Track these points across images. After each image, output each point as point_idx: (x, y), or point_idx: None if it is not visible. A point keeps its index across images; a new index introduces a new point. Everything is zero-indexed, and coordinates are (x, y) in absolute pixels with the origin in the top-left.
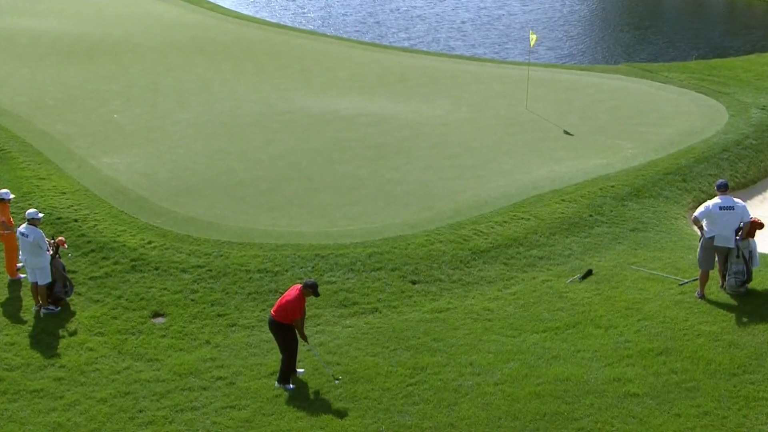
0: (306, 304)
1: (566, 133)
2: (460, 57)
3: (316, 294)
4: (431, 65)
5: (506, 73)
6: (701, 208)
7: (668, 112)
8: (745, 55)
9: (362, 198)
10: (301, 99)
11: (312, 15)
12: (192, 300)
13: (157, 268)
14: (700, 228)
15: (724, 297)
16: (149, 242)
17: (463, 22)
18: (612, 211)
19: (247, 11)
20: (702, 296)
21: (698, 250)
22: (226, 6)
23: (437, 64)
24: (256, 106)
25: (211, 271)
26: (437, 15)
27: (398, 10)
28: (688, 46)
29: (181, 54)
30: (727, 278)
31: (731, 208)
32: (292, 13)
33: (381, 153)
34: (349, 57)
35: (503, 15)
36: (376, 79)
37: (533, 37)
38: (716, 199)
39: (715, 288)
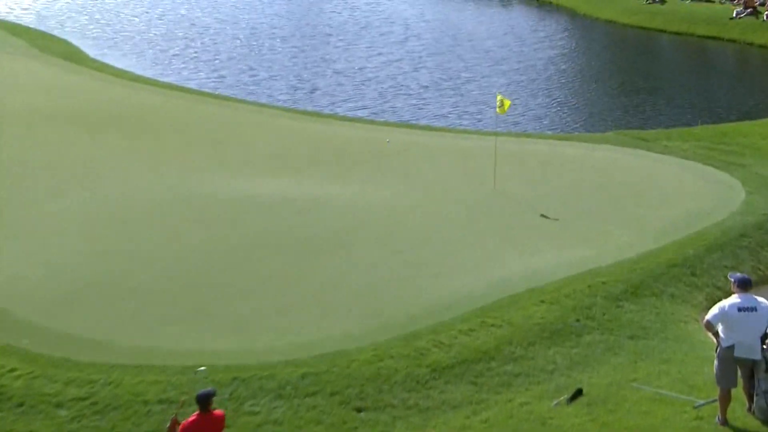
0: None
1: (544, 217)
2: (412, 126)
3: (204, 408)
4: (376, 137)
5: (470, 146)
6: (715, 310)
7: (670, 190)
8: (763, 119)
9: (292, 305)
10: (212, 181)
11: (228, 78)
12: None
13: (21, 404)
14: (716, 335)
15: (753, 423)
16: (11, 370)
17: (424, 87)
18: (604, 315)
19: (144, 72)
20: (724, 422)
21: (715, 362)
22: (117, 66)
23: (384, 135)
24: (154, 191)
25: (96, 404)
26: (391, 78)
27: (343, 72)
28: (692, 109)
29: (56, 125)
30: (755, 399)
31: (753, 309)
32: (204, 76)
33: (314, 248)
34: (273, 128)
35: (473, 78)
36: (308, 155)
37: (504, 103)
38: (734, 298)
39: (740, 411)
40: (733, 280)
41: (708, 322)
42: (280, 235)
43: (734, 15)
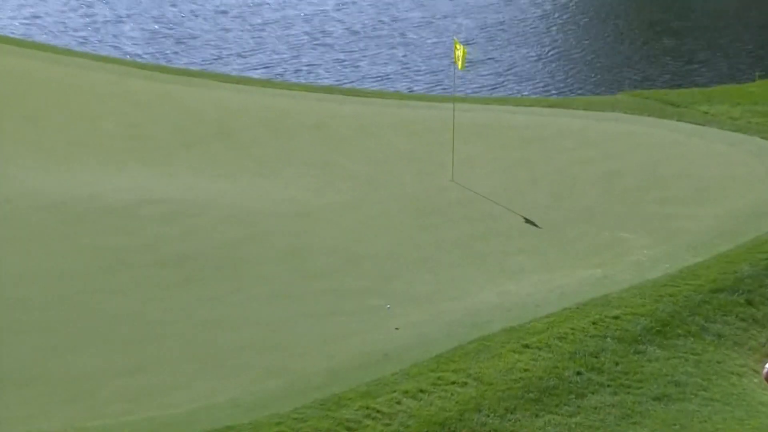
0: None
1: (528, 222)
2: (333, 91)
3: None
4: (281, 107)
5: (418, 118)
6: None
7: (712, 178)
8: None
9: (153, 358)
10: (26, 176)
11: (46, 18)
12: None
13: None
14: None
15: None
16: None
17: (353, 34)
18: (618, 365)
19: None
20: None
21: None
22: None
23: (289, 104)
24: None
25: None
26: (306, 20)
27: (229, 11)
28: (747, 57)
29: None
30: None
31: None
32: (6, 15)
33: (188, 273)
34: (121, 93)
35: (427, 21)
36: (177, 134)
37: (460, 52)
38: None
39: None
40: None
41: None
42: (135, 254)
43: None
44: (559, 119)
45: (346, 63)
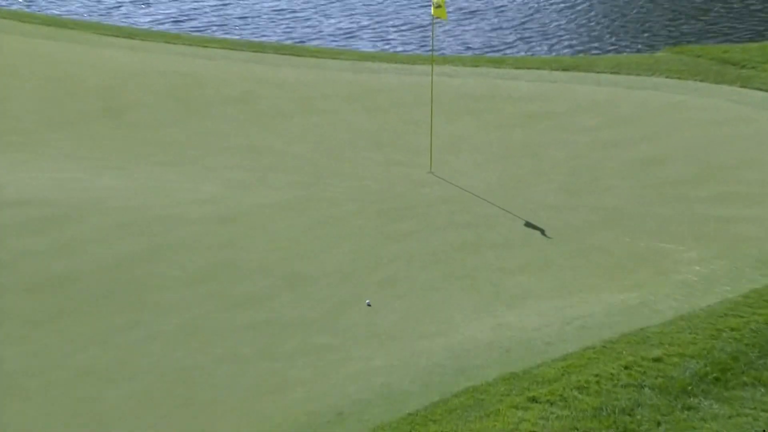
0: None
1: (533, 228)
2: (266, 48)
3: None
4: (191, 70)
5: (381, 85)
6: None
7: None
8: None
9: (10, 424)
10: None
11: None
12: None
13: None
14: None
15: None
16: None
17: None
18: (660, 425)
19: None
20: None
21: None
22: None
23: (206, 67)
24: None
25: None
26: None
27: None
28: None
29: None
30: None
31: None
32: None
33: (63, 302)
34: None
35: None
36: (42, 108)
37: None
38: None
39: None
40: None
41: None
42: None
43: None
44: (577, 87)
45: (280, 11)
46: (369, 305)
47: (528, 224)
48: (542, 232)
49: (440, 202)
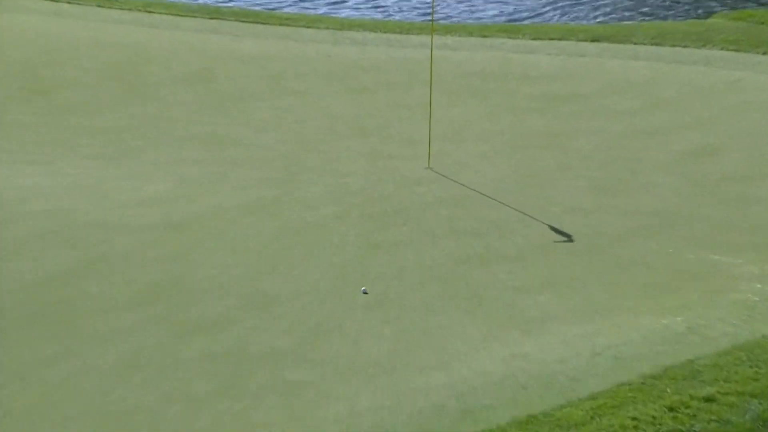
0: None
1: (555, 234)
2: (224, 14)
3: None
4: (129, 41)
5: (368, 61)
6: None
7: None
8: None
9: None
10: None
11: None
12: None
13: None
14: None
15: None
16: None
17: None
18: None
19: None
20: None
21: None
22: None
23: (147, 37)
24: None
25: None
26: None
27: None
28: None
29: None
30: None
31: None
32: None
33: None
34: None
35: None
36: None
37: None
38: None
39: None
40: None
41: None
42: None
43: None
44: (609, 63)
45: None
46: (365, 293)
47: (549, 231)
48: (566, 241)
49: (440, 205)
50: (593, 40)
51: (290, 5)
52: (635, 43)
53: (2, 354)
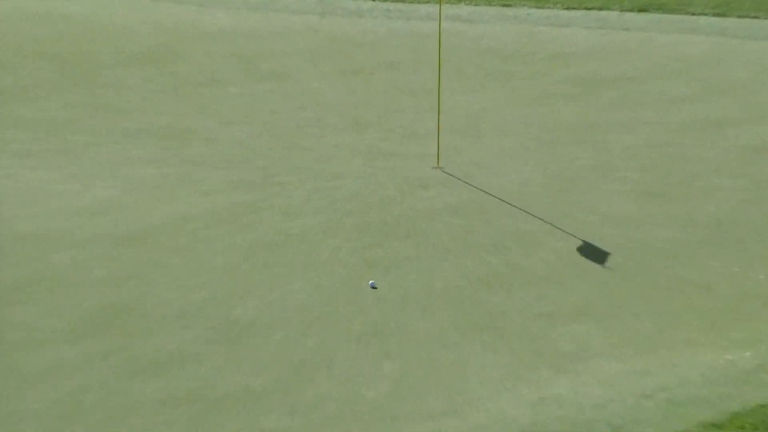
0: None
1: (587, 250)
2: None
3: None
4: (76, 14)
5: (363, 36)
6: None
7: None
8: None
9: None
10: None
11: None
12: None
13: None
14: None
15: None
16: None
17: None
18: None
19: None
20: None
21: None
22: None
23: (98, 11)
24: None
25: None
26: None
27: None
28: None
29: None
30: None
31: None
32: None
33: None
34: None
35: None
36: None
37: None
38: None
39: None
40: None
41: None
42: None
43: None
44: (659, 38)
45: None
46: (374, 287)
47: (585, 246)
48: (607, 258)
49: (451, 213)
50: (640, 10)
51: None
52: (693, 14)
53: None
